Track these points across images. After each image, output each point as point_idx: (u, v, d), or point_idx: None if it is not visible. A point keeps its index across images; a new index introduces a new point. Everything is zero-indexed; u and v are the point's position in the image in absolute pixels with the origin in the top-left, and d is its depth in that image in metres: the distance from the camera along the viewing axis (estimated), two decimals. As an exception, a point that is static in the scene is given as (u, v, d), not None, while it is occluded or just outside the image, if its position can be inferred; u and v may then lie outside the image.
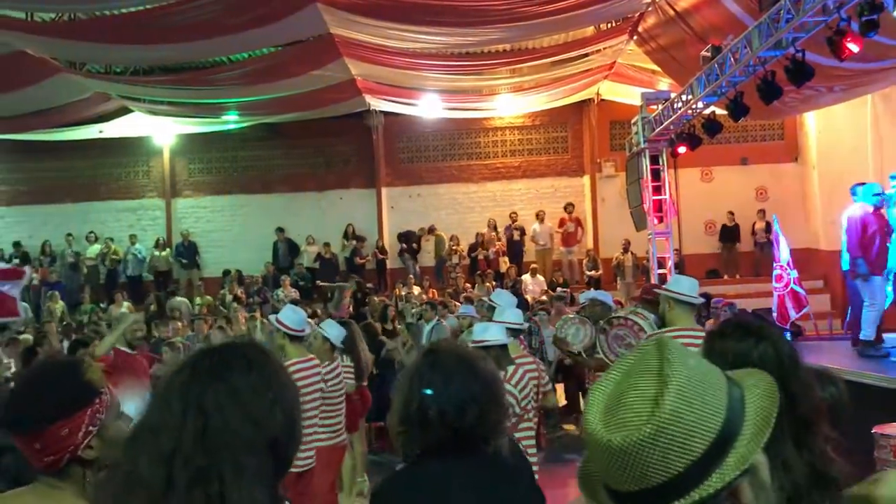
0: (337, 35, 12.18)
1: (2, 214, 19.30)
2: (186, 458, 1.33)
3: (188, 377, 1.41)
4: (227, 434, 1.35)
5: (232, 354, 1.46)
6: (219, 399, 1.37)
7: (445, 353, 2.26)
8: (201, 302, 16.29)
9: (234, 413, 1.37)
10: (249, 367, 1.43)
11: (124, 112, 16.36)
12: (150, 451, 1.35)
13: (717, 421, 1.10)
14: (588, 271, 17.18)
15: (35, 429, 1.80)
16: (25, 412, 1.82)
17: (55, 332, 12.05)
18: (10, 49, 11.77)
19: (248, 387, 1.40)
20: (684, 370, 1.12)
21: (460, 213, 18.63)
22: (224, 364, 1.42)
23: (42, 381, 1.92)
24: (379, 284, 17.57)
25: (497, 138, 18.92)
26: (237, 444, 1.35)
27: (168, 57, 13.30)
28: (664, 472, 1.08)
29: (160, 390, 1.44)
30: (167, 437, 1.35)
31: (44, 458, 1.81)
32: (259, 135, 18.55)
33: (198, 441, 1.34)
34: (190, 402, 1.37)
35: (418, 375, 2.20)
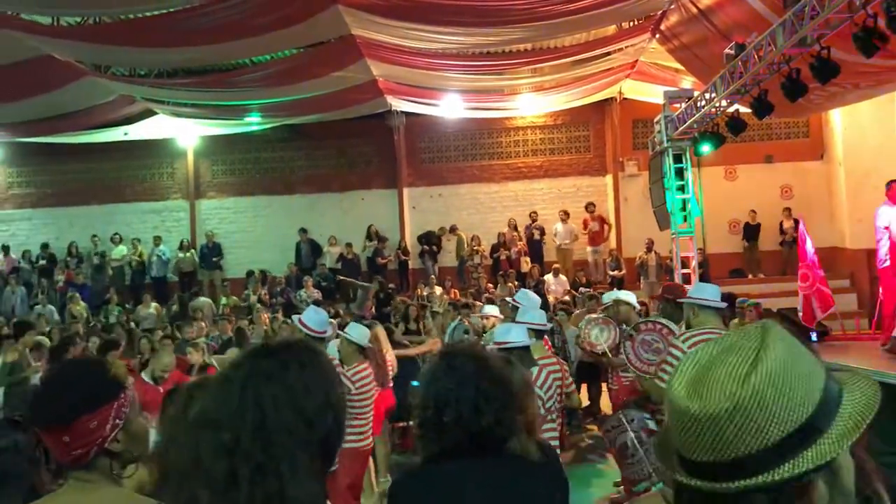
0: (358, 36, 12.22)
1: (29, 216, 19.57)
2: (247, 453, 1.38)
3: (247, 374, 1.46)
4: (283, 432, 1.40)
5: (288, 354, 1.51)
6: (275, 397, 1.42)
7: (461, 356, 2.27)
8: (226, 302, 16.41)
9: (289, 412, 1.42)
10: (303, 367, 1.48)
11: (149, 114, 16.52)
12: (213, 443, 1.40)
13: (801, 412, 1.09)
14: (611, 271, 17.10)
15: (63, 422, 1.86)
16: (54, 407, 1.88)
17: (81, 333, 12.18)
18: (37, 53, 11.94)
19: (302, 386, 1.46)
20: (780, 356, 1.11)
21: (482, 212, 18.62)
22: (281, 364, 1.47)
23: (69, 377, 1.99)
24: (401, 285, 17.62)
25: (519, 138, 18.89)
26: (293, 442, 1.40)
27: (191, 59, 13.40)
28: (735, 449, 1.09)
29: (219, 384, 1.49)
30: (228, 431, 1.39)
31: (72, 451, 1.86)
32: (281, 136, 18.66)
33: (256, 437, 1.39)
34: (248, 399, 1.42)
35: (434, 378, 2.22)
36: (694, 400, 1.11)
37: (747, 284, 15.49)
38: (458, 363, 2.22)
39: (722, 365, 1.13)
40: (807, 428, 1.09)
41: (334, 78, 13.99)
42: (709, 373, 1.13)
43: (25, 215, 19.59)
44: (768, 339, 1.14)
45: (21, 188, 19.75)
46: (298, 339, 1.68)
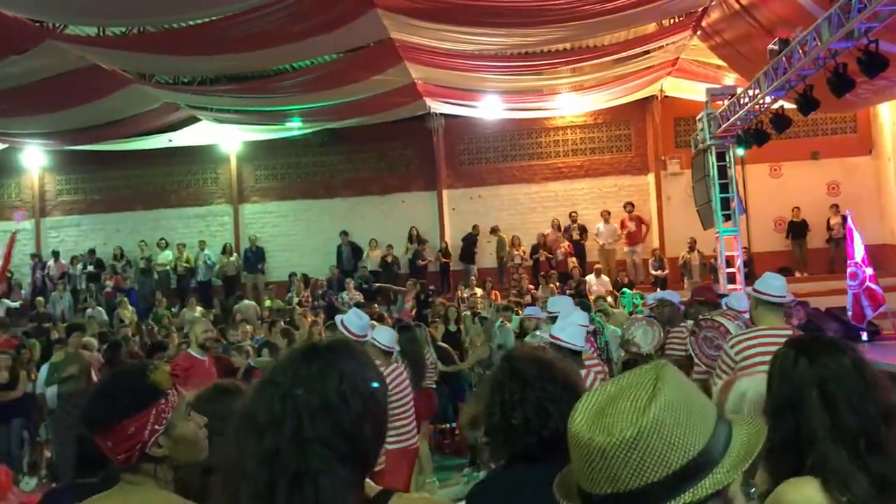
0: (397, 39, 12.27)
1: (78, 222, 20.01)
2: (286, 462, 1.40)
3: (290, 381, 1.47)
4: (319, 444, 1.42)
5: (328, 363, 1.51)
6: (312, 409, 1.43)
7: (523, 360, 2.27)
8: (269, 305, 16.58)
9: (325, 423, 1.43)
10: (342, 377, 1.48)
11: (192, 121, 16.79)
12: (255, 450, 1.42)
13: (698, 442, 1.15)
14: (654, 271, 16.90)
15: (106, 427, 1.95)
16: (98, 412, 1.99)
17: (131, 337, 12.45)
18: (84, 63, 12.22)
19: (340, 398, 1.46)
20: (676, 390, 1.18)
21: (522, 213, 18.55)
22: (320, 374, 1.48)
23: (111, 384, 2.11)
24: (442, 286, 17.64)
25: (558, 138, 18.79)
26: (330, 453, 1.42)
27: (233, 66, 13.60)
28: (639, 478, 1.13)
29: (265, 388, 1.50)
30: (270, 438, 1.42)
31: (117, 454, 1.96)
32: (322, 140, 18.81)
33: (294, 447, 1.41)
34: (288, 408, 1.43)
35: (498, 384, 2.22)
36: (597, 432, 1.16)
37: (794, 283, 15.11)
38: (521, 367, 2.22)
39: (622, 398, 1.18)
40: (704, 456, 1.15)
41: (373, 82, 14.07)
42: (610, 406, 1.18)
43: (74, 221, 20.04)
44: (664, 375, 1.20)
45: (69, 195, 20.20)
46: (342, 342, 1.66)
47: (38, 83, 12.75)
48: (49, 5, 10.42)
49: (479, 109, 17.07)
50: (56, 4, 10.38)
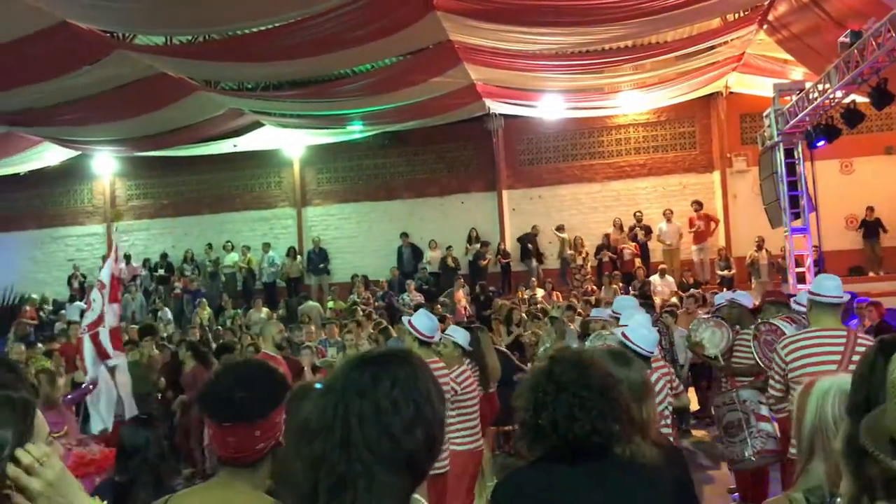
0: (456, 41, 12.28)
1: (147, 227, 20.60)
2: (331, 466, 1.41)
3: (341, 387, 1.49)
4: (364, 448, 1.42)
5: (382, 369, 1.51)
6: (361, 413, 1.44)
7: (563, 362, 2.27)
8: (333, 306, 16.78)
9: (373, 428, 1.43)
10: (395, 383, 1.48)
11: (256, 126, 17.10)
12: (305, 455, 1.45)
13: None
14: (720, 271, 16.55)
15: (261, 417, 2.04)
16: (254, 403, 2.05)
17: (198, 338, 12.71)
18: (153, 72, 12.57)
19: (390, 403, 1.46)
20: None
21: (583, 213, 18.39)
22: (373, 379, 1.48)
23: (257, 376, 2.17)
24: (503, 287, 17.59)
25: (620, 136, 18.56)
26: (373, 458, 1.42)
27: (296, 72, 13.79)
28: None
29: (320, 395, 1.53)
30: (319, 443, 1.44)
31: (259, 443, 2.03)
32: (382, 143, 18.99)
33: (340, 451, 1.42)
34: (338, 413, 1.45)
35: (535, 382, 2.24)
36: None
37: (868, 283, 14.69)
38: (559, 370, 2.23)
39: None
40: None
41: (433, 84, 14.12)
42: None
43: (144, 226, 20.64)
44: None
45: (139, 200, 20.81)
46: (398, 350, 1.67)
47: (108, 92, 13.18)
48: (119, 17, 10.74)
49: (539, 109, 16.97)
50: (125, 16, 10.69)
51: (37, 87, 12.55)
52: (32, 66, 11.66)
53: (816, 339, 4.53)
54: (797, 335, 4.70)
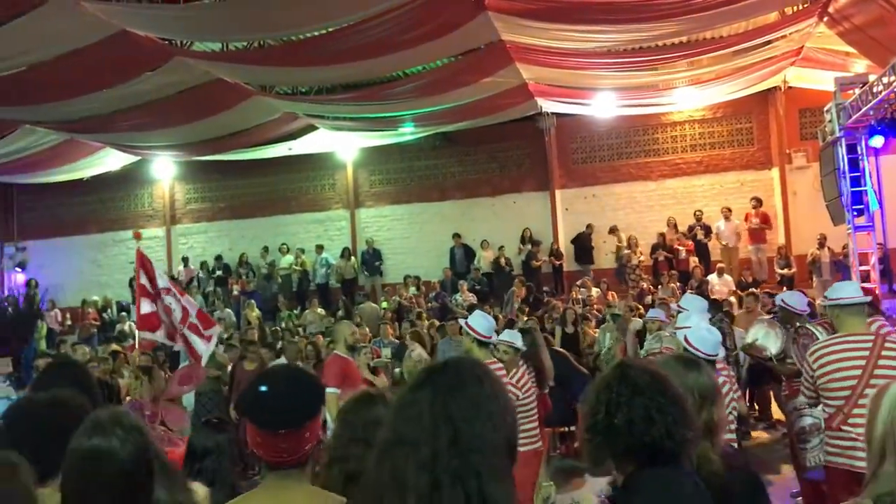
0: (508, 41, 12.24)
1: (205, 230, 21.00)
2: (447, 462, 1.54)
3: (431, 393, 1.62)
4: (476, 439, 1.57)
5: (462, 370, 1.68)
6: (463, 410, 1.59)
7: (637, 368, 2.28)
8: (386, 306, 16.88)
9: (478, 420, 1.59)
10: (480, 380, 1.65)
11: (311, 129, 17.29)
12: (414, 460, 1.56)
13: None
14: (780, 269, 16.17)
15: (308, 420, 2.13)
16: (299, 409, 2.13)
17: (257, 339, 12.90)
18: (210, 77, 12.81)
19: (484, 396, 1.63)
20: None
21: (638, 212, 18.16)
22: (459, 379, 1.64)
23: (300, 382, 2.25)
24: (556, 288, 17.48)
25: (676, 133, 18.27)
26: (487, 447, 1.58)
27: (348, 75, 13.90)
28: None
29: (403, 406, 1.66)
30: (426, 447, 1.56)
31: (304, 447, 2.12)
32: (433, 144, 19.04)
33: (452, 447, 1.55)
34: (438, 415, 1.58)
35: (607, 386, 2.23)
36: None
37: (937, 281, 14.22)
38: (633, 374, 2.23)
39: None
40: None
41: (485, 84, 14.09)
42: None
43: (201, 228, 21.05)
44: None
45: (197, 203, 21.23)
46: (466, 358, 1.80)
47: (167, 98, 13.48)
48: (176, 24, 10.97)
49: (592, 107, 16.81)
50: (183, 23, 10.92)
51: (98, 94, 12.92)
52: (94, 75, 12.00)
53: (842, 345, 4.54)
54: (825, 342, 4.71)
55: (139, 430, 2.05)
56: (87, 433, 1.99)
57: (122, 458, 1.95)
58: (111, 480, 1.93)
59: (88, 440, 1.98)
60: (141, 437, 2.03)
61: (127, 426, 2.03)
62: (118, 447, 1.96)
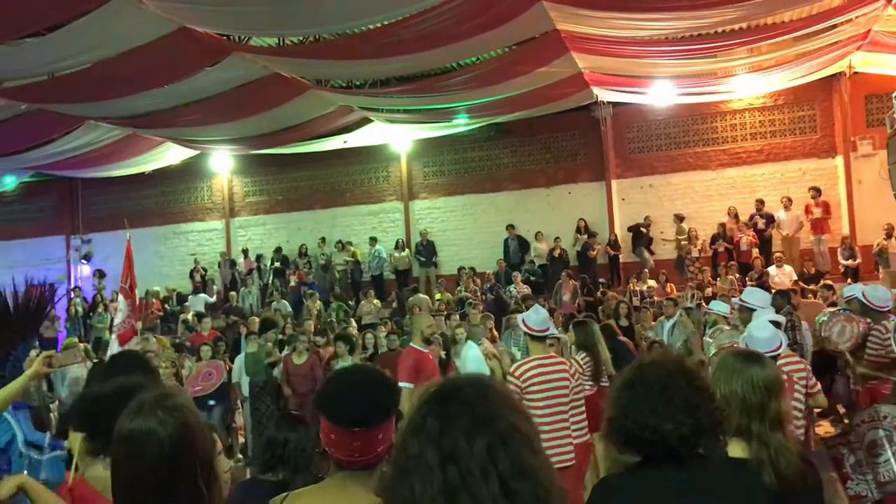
0: (563, 30, 12.11)
1: (263, 222, 21.35)
2: (479, 489, 1.44)
3: (439, 429, 1.50)
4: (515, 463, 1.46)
5: (483, 389, 1.57)
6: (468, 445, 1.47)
7: (653, 365, 2.28)
8: (440, 298, 16.94)
9: (515, 437, 1.49)
10: (498, 397, 1.56)
11: (365, 122, 17.41)
12: (439, 481, 1.46)
13: None
14: (843, 260, 15.73)
15: (383, 421, 2.12)
16: (374, 408, 2.12)
17: (312, 330, 13.07)
18: (267, 72, 12.99)
19: (511, 416, 1.53)
20: None
21: (697, 202, 17.83)
22: (459, 410, 1.51)
23: (377, 381, 2.24)
24: (612, 280, 17.30)
25: (735, 121, 17.87)
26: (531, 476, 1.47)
27: (403, 68, 13.95)
28: None
29: (407, 442, 1.54)
30: (453, 469, 1.46)
31: (375, 448, 2.10)
32: (487, 135, 19.00)
33: (484, 476, 1.44)
34: (446, 458, 1.46)
35: (623, 383, 2.26)
36: None
37: None
38: (648, 370, 2.24)
39: None
40: None
41: (539, 74, 13.98)
42: None
43: (260, 221, 21.40)
44: None
45: (255, 196, 21.58)
46: (470, 376, 1.69)
47: (225, 93, 13.71)
48: (234, 20, 11.14)
49: (649, 96, 16.55)
50: (240, 19, 11.08)
51: (159, 90, 13.21)
52: (155, 71, 12.28)
53: None
54: None
55: (181, 410, 2.03)
56: (130, 415, 2.01)
57: (161, 438, 1.95)
58: (154, 461, 1.94)
59: (130, 422, 2.00)
60: (183, 417, 2.01)
61: (169, 407, 2.02)
62: (158, 428, 1.96)
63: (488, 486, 1.41)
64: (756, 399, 2.63)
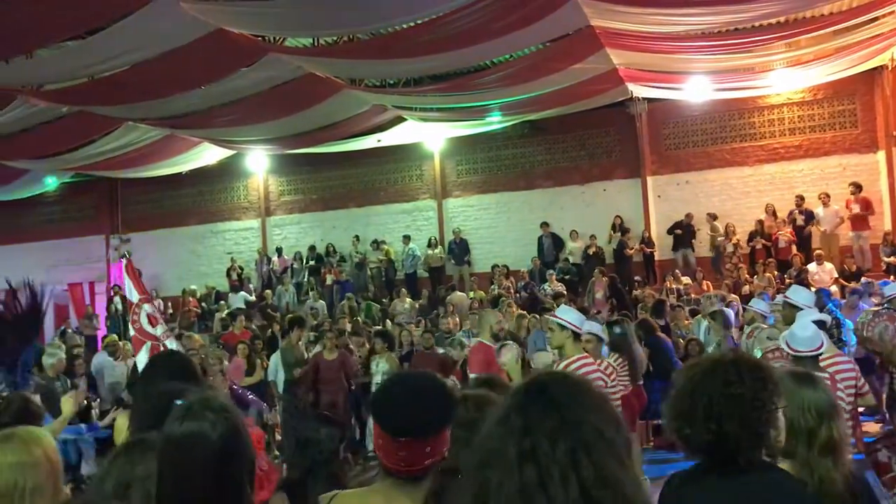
0: (598, 27, 12.03)
1: (298, 220, 21.51)
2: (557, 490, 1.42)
3: (522, 424, 1.48)
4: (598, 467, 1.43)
5: (574, 385, 1.55)
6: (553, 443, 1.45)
7: (706, 361, 2.27)
8: (474, 296, 16.93)
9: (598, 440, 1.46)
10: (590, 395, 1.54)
11: (399, 121, 17.45)
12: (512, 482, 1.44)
13: None
14: (886, 257, 15.41)
15: (433, 433, 2.05)
16: (424, 418, 2.05)
17: (348, 328, 13.16)
18: (302, 72, 13.08)
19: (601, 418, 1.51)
20: None
21: (734, 199, 17.59)
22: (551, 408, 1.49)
23: (431, 391, 2.15)
24: (647, 277, 17.15)
25: (773, 117, 17.59)
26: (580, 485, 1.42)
27: (436, 66, 13.95)
28: None
29: (488, 435, 1.53)
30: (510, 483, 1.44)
31: (423, 461, 2.04)
32: (521, 132, 18.94)
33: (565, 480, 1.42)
34: (526, 453, 1.45)
35: (678, 382, 2.23)
36: None
37: None
38: (699, 368, 2.21)
39: None
40: None
41: (573, 71, 13.89)
42: None
43: (294, 220, 21.57)
44: None
45: (290, 195, 21.75)
46: (562, 373, 1.69)
47: (261, 94, 13.84)
48: (269, 21, 11.23)
49: (685, 91, 16.35)
50: (275, 20, 11.17)
51: (196, 91, 13.38)
52: (192, 73, 12.43)
53: None
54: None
55: (228, 411, 2.05)
56: (179, 418, 2.03)
57: (213, 440, 1.97)
58: (204, 463, 1.95)
59: (181, 425, 2.01)
60: (231, 419, 2.03)
61: (217, 408, 2.04)
62: (209, 430, 1.98)
63: (567, 491, 1.39)
64: (806, 423, 2.56)
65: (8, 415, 3.29)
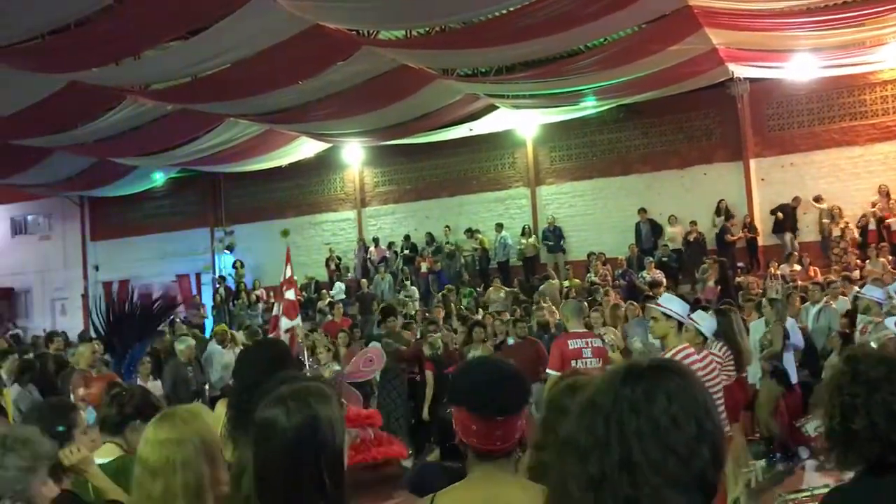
0: (696, 6, 11.66)
1: (392, 211, 21.77)
2: (615, 487, 1.34)
3: (612, 403, 1.40)
4: (650, 468, 1.33)
5: (655, 381, 1.41)
6: (640, 432, 1.35)
7: (866, 359, 2.08)
8: (569, 285, 16.76)
9: (656, 447, 1.34)
10: (671, 398, 1.38)
11: (491, 109, 17.41)
12: (579, 474, 1.38)
13: None
14: None
15: (524, 407, 2.21)
16: (515, 394, 2.20)
17: (441, 316, 13.26)
18: (395, 64, 13.22)
19: (670, 420, 1.36)
20: None
21: (843, 180, 16.76)
22: (646, 393, 1.39)
23: (510, 368, 2.31)
24: (751, 263, 16.58)
25: (887, 93, 16.65)
26: (661, 480, 1.33)
27: (528, 53, 13.83)
28: None
29: (585, 409, 1.45)
30: (594, 462, 1.36)
31: (515, 435, 2.17)
32: (616, 117, 18.57)
33: (623, 470, 1.34)
34: (613, 430, 1.36)
35: (838, 387, 2.05)
36: None
37: None
38: (863, 368, 2.04)
39: None
40: None
41: (670, 52, 13.53)
42: None
43: (389, 210, 21.83)
44: None
45: (385, 186, 22.02)
46: (668, 361, 1.56)
47: (356, 87, 14.07)
48: (363, 15, 11.40)
49: (789, 70, 15.67)
50: (370, 14, 11.32)
51: (294, 87, 13.70)
52: (290, 69, 12.74)
53: None
54: None
55: (312, 402, 2.02)
56: (266, 404, 2.06)
57: (285, 428, 1.97)
58: (277, 450, 1.98)
59: (262, 411, 2.04)
60: (311, 410, 2.00)
61: (300, 399, 2.02)
62: (283, 418, 1.98)
63: None
64: None
65: (131, 406, 3.51)
